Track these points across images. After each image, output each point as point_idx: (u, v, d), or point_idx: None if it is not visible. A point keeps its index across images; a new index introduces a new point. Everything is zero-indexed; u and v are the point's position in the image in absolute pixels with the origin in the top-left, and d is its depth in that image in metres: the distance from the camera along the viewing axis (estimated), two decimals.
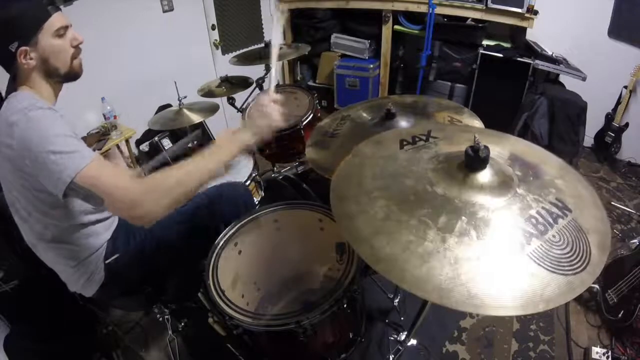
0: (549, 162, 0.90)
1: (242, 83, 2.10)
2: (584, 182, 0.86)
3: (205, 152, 0.99)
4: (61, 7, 1.05)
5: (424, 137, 0.99)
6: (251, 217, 1.31)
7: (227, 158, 1.01)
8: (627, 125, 2.70)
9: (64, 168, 0.84)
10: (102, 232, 1.14)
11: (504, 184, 0.79)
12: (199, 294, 1.16)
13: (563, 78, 2.80)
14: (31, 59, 0.96)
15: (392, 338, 1.31)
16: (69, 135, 0.89)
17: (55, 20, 0.97)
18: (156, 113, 2.21)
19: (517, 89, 2.81)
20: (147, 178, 0.90)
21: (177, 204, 0.91)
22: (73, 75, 1.05)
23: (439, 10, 2.84)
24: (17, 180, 0.94)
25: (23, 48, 0.94)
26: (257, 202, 1.86)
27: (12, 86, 1.00)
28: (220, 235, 1.25)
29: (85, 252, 1.10)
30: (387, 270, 0.67)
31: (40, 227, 1.03)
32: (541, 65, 2.62)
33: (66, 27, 1.00)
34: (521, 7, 2.60)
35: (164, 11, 2.63)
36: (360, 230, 0.74)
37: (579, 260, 0.67)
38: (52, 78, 1.01)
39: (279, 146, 1.94)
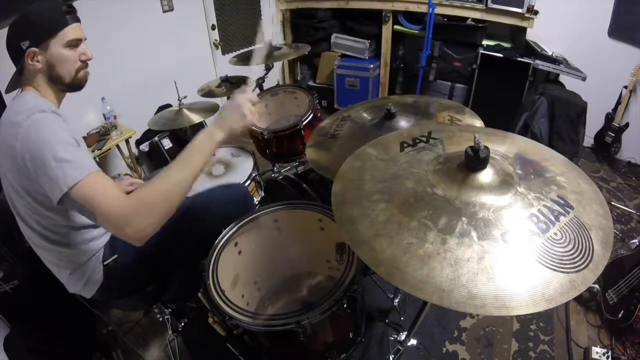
0: (552, 160, 0.90)
1: (242, 83, 2.10)
2: (587, 178, 0.85)
3: (184, 157, 0.94)
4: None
5: (424, 139, 0.99)
6: (251, 217, 1.31)
7: (205, 160, 0.97)
8: (627, 125, 2.70)
9: (63, 176, 0.83)
10: (100, 235, 1.14)
11: (504, 183, 0.79)
12: (199, 294, 1.16)
13: (563, 78, 2.80)
14: (38, 61, 0.97)
15: (392, 338, 1.31)
16: (70, 142, 0.89)
17: (71, 30, 0.99)
18: (156, 113, 2.22)
19: (517, 89, 2.81)
20: (133, 196, 0.87)
21: (166, 217, 0.89)
22: (77, 86, 1.06)
23: (439, 10, 2.84)
24: (17, 181, 0.94)
25: (32, 49, 0.95)
26: (257, 202, 1.86)
27: (17, 80, 1.00)
28: (220, 235, 1.24)
29: (85, 255, 1.10)
30: (388, 273, 0.67)
31: (40, 229, 1.02)
32: (541, 65, 2.62)
33: (80, 40, 1.02)
34: (521, 7, 2.60)
35: (164, 11, 2.63)
36: (361, 234, 0.74)
37: (582, 258, 0.67)
38: (56, 85, 1.03)
39: (279, 146, 1.94)
